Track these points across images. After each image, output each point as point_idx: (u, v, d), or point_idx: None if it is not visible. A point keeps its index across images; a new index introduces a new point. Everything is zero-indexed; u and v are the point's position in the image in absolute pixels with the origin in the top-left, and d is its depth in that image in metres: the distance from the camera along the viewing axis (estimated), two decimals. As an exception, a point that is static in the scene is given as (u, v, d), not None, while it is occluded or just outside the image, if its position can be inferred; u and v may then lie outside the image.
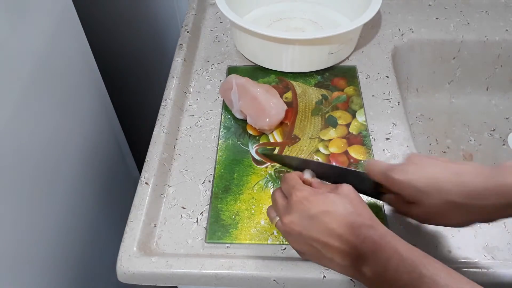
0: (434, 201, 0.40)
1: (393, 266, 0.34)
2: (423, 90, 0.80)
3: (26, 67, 0.52)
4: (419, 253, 0.35)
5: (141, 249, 0.48)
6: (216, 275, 0.46)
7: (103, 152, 0.76)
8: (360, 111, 0.63)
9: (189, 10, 0.79)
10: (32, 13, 0.53)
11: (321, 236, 0.38)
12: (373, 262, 0.35)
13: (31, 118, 0.54)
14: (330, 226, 0.37)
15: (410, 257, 0.34)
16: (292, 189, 0.41)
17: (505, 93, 0.80)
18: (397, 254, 0.35)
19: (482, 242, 0.49)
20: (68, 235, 0.65)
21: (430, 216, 0.42)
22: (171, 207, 0.53)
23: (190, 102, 0.66)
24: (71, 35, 0.64)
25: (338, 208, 0.38)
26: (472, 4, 0.81)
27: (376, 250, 0.35)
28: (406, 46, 0.75)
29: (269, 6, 0.81)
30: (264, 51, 0.68)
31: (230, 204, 0.53)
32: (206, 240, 0.50)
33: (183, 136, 0.61)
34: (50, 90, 0.58)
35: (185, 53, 0.70)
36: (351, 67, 0.71)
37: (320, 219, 0.38)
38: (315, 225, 0.38)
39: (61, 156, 0.62)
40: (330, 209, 0.38)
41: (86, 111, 0.70)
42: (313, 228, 0.38)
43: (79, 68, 0.67)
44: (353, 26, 0.64)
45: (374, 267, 0.35)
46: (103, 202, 0.77)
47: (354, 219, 0.37)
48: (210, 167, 0.57)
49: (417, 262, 0.34)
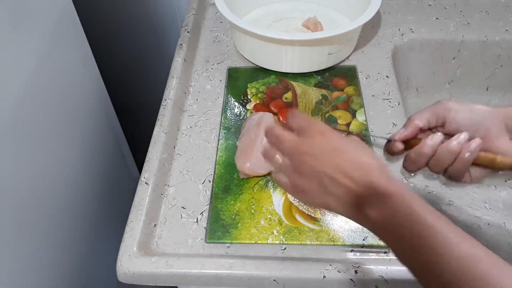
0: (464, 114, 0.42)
1: (401, 213, 0.34)
2: (423, 90, 0.80)
3: (26, 66, 0.52)
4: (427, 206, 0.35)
5: (141, 249, 0.48)
6: (216, 275, 0.46)
7: (103, 152, 0.76)
8: (360, 111, 0.64)
9: (189, 10, 0.79)
10: (32, 13, 0.53)
11: (332, 171, 0.37)
12: (380, 206, 0.35)
13: (31, 118, 0.54)
14: (342, 164, 0.37)
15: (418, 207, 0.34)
16: (307, 122, 0.40)
17: (505, 93, 0.80)
18: (406, 201, 0.35)
19: (482, 242, 0.49)
20: (68, 235, 0.65)
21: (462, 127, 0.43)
22: (171, 207, 0.53)
23: (190, 102, 0.66)
24: (71, 35, 0.64)
25: (352, 148, 0.38)
26: (472, 4, 0.81)
27: (385, 195, 0.35)
28: (406, 46, 0.75)
29: (269, 6, 0.81)
30: (263, 51, 0.68)
31: (230, 204, 0.53)
32: (206, 240, 0.50)
33: (183, 136, 0.61)
34: (50, 90, 0.58)
35: (185, 53, 0.70)
36: (351, 67, 0.71)
37: (335, 154, 0.38)
38: (329, 159, 0.38)
39: (61, 156, 0.62)
40: (345, 147, 0.38)
41: (86, 111, 0.70)
42: (326, 161, 0.38)
43: (79, 68, 0.67)
44: (353, 26, 0.64)
45: (381, 211, 0.35)
46: (103, 202, 0.77)
47: (367, 160, 0.37)
48: (210, 167, 0.57)
49: (426, 214, 0.34)
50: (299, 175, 0.39)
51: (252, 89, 0.68)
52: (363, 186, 0.36)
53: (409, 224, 0.34)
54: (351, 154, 0.38)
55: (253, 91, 0.67)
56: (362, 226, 0.38)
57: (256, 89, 0.68)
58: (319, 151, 0.38)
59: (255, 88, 0.68)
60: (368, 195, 0.36)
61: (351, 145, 0.39)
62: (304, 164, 0.39)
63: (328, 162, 0.38)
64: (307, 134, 0.40)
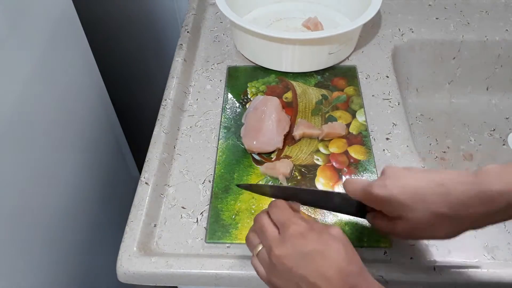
0: (418, 214, 0.38)
1: None
2: (423, 90, 0.80)
3: (26, 66, 0.52)
4: None
5: (141, 249, 0.48)
6: (216, 275, 0.46)
7: (103, 152, 0.76)
8: (360, 111, 0.63)
9: (189, 10, 0.79)
10: (32, 13, 0.53)
11: (310, 276, 0.36)
12: None
13: (31, 118, 0.54)
14: (321, 269, 0.36)
15: None
16: (288, 221, 0.39)
17: (505, 93, 0.80)
18: None
19: (482, 242, 0.49)
20: (68, 235, 0.65)
21: (416, 231, 0.40)
22: (171, 207, 0.53)
23: (190, 102, 0.66)
24: (71, 35, 0.64)
25: (331, 250, 0.37)
26: (472, 4, 0.81)
27: None
28: (406, 46, 0.75)
29: (269, 6, 0.81)
30: (264, 51, 0.68)
31: (230, 204, 0.53)
32: (206, 240, 0.50)
33: (183, 136, 0.61)
34: (50, 90, 0.58)
35: (185, 53, 0.70)
36: (351, 67, 0.71)
37: (313, 258, 0.36)
38: (307, 264, 0.36)
39: (61, 156, 0.62)
40: (324, 250, 0.37)
41: (86, 111, 0.70)
42: (305, 266, 0.36)
43: (79, 68, 0.67)
44: (353, 26, 0.64)
45: None
46: (103, 202, 0.77)
47: (345, 265, 0.36)
48: (210, 167, 0.57)
49: None
50: (276, 274, 0.38)
51: (252, 88, 0.68)
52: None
53: None
54: (331, 258, 0.36)
55: (253, 91, 0.67)
56: None
57: (256, 88, 0.68)
58: (299, 256, 0.37)
59: (255, 88, 0.68)
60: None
61: (332, 246, 0.37)
62: (282, 266, 0.37)
63: (308, 267, 0.36)
64: (287, 235, 0.38)
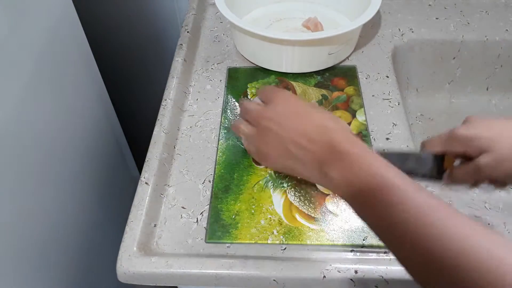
0: (506, 145, 0.40)
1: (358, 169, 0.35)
2: (423, 90, 0.80)
3: (26, 66, 0.52)
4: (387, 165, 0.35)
5: (141, 249, 0.48)
6: (216, 275, 0.46)
7: (103, 152, 0.76)
8: (360, 111, 0.64)
9: (189, 10, 0.79)
10: (32, 13, 0.53)
11: (296, 135, 0.38)
12: (339, 164, 0.36)
13: (31, 118, 0.54)
14: (305, 128, 0.38)
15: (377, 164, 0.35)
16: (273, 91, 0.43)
17: (505, 93, 0.80)
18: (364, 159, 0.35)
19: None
20: (68, 235, 0.65)
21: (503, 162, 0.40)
22: (171, 207, 0.53)
23: (190, 102, 0.66)
24: (71, 35, 0.64)
25: (315, 112, 0.40)
26: (472, 4, 0.81)
27: (343, 152, 0.36)
28: (406, 46, 0.75)
29: (269, 6, 0.81)
30: (264, 52, 0.68)
31: (230, 204, 0.53)
32: (206, 240, 0.50)
33: (183, 136, 0.61)
34: (50, 90, 0.58)
35: (185, 53, 0.70)
36: (351, 67, 0.71)
37: (298, 119, 0.39)
38: (292, 124, 0.39)
39: (61, 156, 0.62)
40: (308, 112, 0.40)
41: (86, 111, 0.70)
42: (290, 126, 0.39)
43: (79, 68, 0.67)
44: (353, 26, 0.64)
45: (340, 169, 0.36)
46: (103, 202, 0.77)
47: (327, 123, 0.38)
48: (210, 167, 0.57)
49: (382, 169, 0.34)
50: (265, 142, 0.41)
51: (252, 89, 0.68)
52: (322, 146, 0.37)
53: (366, 179, 0.34)
54: (314, 118, 0.39)
55: (253, 91, 0.67)
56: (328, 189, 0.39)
57: (256, 89, 0.68)
58: (283, 117, 0.40)
59: (255, 88, 0.68)
60: (328, 154, 0.37)
61: (314, 110, 0.40)
62: (269, 131, 0.40)
63: (292, 127, 0.39)
64: (272, 101, 0.42)
